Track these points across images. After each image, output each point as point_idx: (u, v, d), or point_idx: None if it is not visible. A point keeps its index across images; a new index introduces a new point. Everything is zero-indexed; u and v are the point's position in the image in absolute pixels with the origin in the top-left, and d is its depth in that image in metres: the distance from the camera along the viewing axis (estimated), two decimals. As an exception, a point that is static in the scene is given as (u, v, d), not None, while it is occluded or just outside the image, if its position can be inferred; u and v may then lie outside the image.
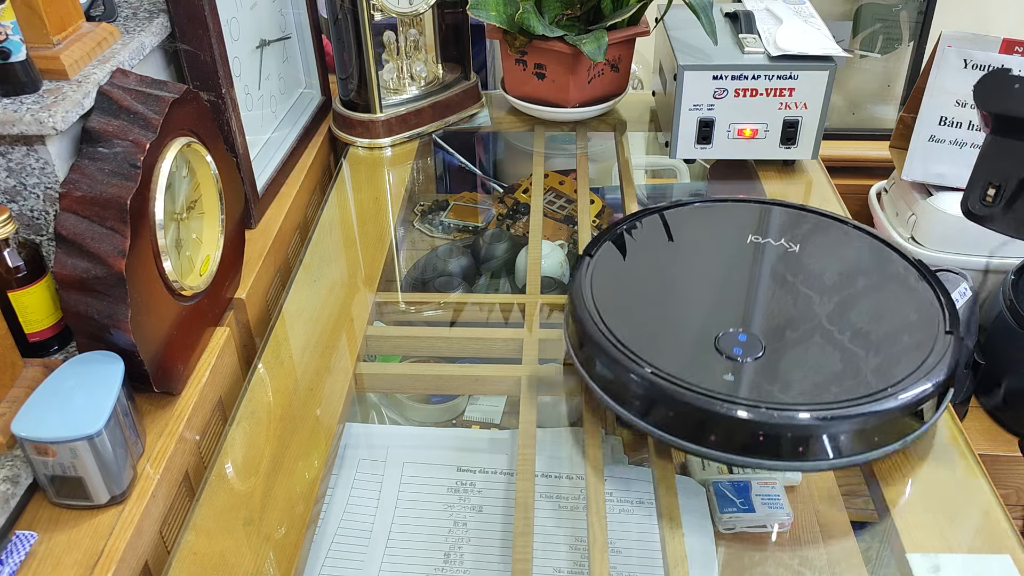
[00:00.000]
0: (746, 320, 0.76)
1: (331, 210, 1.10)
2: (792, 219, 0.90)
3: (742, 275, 0.82)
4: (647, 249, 0.86)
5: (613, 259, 0.84)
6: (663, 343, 0.74)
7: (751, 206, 0.93)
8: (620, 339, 0.73)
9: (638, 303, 0.79)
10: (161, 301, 0.75)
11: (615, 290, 0.79)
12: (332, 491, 0.80)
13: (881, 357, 0.71)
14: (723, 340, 0.73)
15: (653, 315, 0.78)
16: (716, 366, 0.71)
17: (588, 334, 0.74)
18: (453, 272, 1.12)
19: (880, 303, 0.78)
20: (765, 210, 0.92)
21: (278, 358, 0.86)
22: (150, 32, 0.85)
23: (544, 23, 1.12)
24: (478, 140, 1.43)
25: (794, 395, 0.68)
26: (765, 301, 0.79)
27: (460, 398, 1.01)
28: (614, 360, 0.71)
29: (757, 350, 0.72)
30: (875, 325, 0.75)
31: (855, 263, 0.83)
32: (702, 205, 0.93)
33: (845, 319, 0.76)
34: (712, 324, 0.75)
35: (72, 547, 0.65)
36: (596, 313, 0.76)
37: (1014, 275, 1.17)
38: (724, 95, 1.09)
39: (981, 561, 0.65)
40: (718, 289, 0.81)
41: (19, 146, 0.71)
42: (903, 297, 0.78)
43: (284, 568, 0.66)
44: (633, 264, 0.84)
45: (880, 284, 0.80)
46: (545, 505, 0.77)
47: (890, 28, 1.59)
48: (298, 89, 1.22)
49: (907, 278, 0.80)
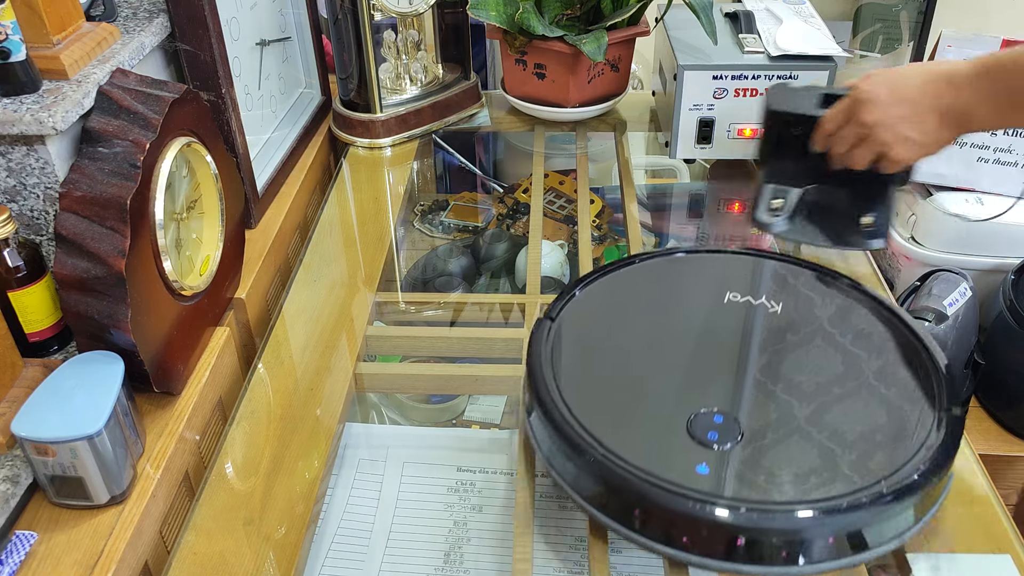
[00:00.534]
0: (722, 397, 0.69)
1: (331, 210, 1.10)
2: (774, 272, 0.82)
3: (719, 342, 0.74)
4: (614, 311, 0.78)
5: (578, 323, 0.76)
6: (629, 426, 0.66)
7: (728, 257, 0.85)
8: (580, 420, 0.66)
9: (603, 377, 0.72)
10: (161, 301, 0.75)
11: (578, 361, 0.72)
12: (332, 491, 0.80)
13: (876, 442, 0.64)
14: (697, 423, 0.66)
15: (619, 390, 0.70)
16: (688, 454, 0.63)
17: (547, 413, 0.67)
18: (453, 272, 1.12)
19: (874, 377, 0.70)
20: (743, 262, 0.84)
21: (278, 358, 0.86)
22: (150, 32, 0.85)
23: (544, 23, 1.12)
24: (478, 140, 1.43)
25: (777, 490, 0.60)
26: (743, 375, 0.71)
27: (460, 398, 1.01)
28: (573, 446, 0.64)
29: (734, 435, 0.65)
30: (868, 403, 0.67)
31: (847, 328, 0.75)
32: (676, 257, 0.86)
33: (835, 398, 0.68)
34: (685, 403, 0.68)
35: (72, 547, 0.65)
36: (556, 389, 0.69)
37: (1014, 275, 1.17)
38: (724, 95, 1.09)
39: (981, 561, 0.65)
40: (690, 360, 0.73)
41: (19, 146, 0.71)
42: (899, 368, 0.71)
43: (284, 568, 0.66)
44: (598, 329, 0.76)
45: (874, 352, 0.72)
46: (545, 505, 0.77)
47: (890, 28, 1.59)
48: (298, 89, 1.22)
49: (904, 346, 0.73)
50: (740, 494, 0.60)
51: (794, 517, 0.58)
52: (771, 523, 0.58)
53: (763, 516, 0.58)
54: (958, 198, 1.23)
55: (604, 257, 1.14)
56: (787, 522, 0.58)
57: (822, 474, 0.61)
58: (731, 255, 0.86)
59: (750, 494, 0.60)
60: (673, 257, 0.87)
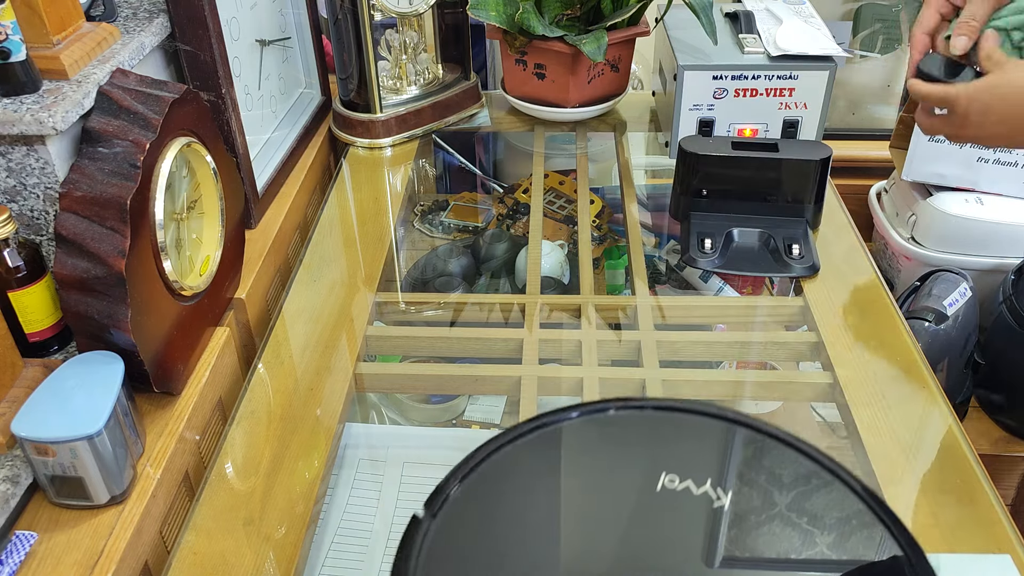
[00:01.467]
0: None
1: (331, 210, 1.10)
2: (734, 444, 0.58)
3: (648, 550, 0.52)
4: (513, 501, 0.56)
5: (464, 520, 0.55)
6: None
7: (672, 418, 0.59)
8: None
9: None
10: (161, 301, 0.75)
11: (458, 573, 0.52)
12: (332, 491, 0.80)
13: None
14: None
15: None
16: None
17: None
18: (453, 272, 1.12)
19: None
20: (688, 428, 0.58)
21: (278, 358, 0.86)
22: (150, 32, 0.85)
23: (544, 23, 1.12)
24: (478, 140, 1.43)
25: None
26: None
27: (460, 398, 1.01)
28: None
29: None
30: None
31: (809, 526, 0.53)
32: (599, 419, 0.59)
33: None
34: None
35: (72, 547, 0.65)
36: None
37: (1014, 275, 1.17)
38: (724, 95, 1.09)
39: (981, 561, 0.65)
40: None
41: (19, 146, 0.71)
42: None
43: (284, 568, 0.66)
44: (489, 529, 0.55)
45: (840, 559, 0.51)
46: (545, 505, 0.77)
47: (890, 28, 1.59)
48: (298, 89, 1.22)
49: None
50: None
51: None
52: None
53: None
54: (958, 198, 1.23)
55: (604, 258, 1.14)
56: None
57: None
58: (672, 413, 0.59)
59: None
60: (596, 418, 0.59)
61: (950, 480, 0.72)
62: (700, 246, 0.98)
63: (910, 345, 0.86)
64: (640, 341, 0.88)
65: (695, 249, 0.98)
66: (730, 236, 0.99)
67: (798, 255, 0.96)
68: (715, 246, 0.98)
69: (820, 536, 0.52)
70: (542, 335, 0.90)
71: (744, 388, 0.89)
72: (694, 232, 1.00)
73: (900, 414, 0.78)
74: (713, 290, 1.08)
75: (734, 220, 1.00)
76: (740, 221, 0.99)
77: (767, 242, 0.99)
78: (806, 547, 0.52)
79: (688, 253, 0.98)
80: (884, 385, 0.81)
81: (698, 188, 1.00)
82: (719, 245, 0.98)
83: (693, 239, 0.99)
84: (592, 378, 0.83)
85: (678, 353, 0.90)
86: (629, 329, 0.92)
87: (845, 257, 1.00)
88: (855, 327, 0.88)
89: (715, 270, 0.98)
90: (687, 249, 0.98)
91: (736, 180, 0.99)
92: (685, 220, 1.02)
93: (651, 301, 0.95)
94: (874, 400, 0.79)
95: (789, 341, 0.91)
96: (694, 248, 0.98)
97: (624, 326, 0.93)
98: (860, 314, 0.90)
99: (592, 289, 0.97)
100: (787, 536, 0.52)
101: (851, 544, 0.52)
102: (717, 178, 0.99)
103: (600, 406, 0.59)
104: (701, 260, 0.97)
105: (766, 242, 0.99)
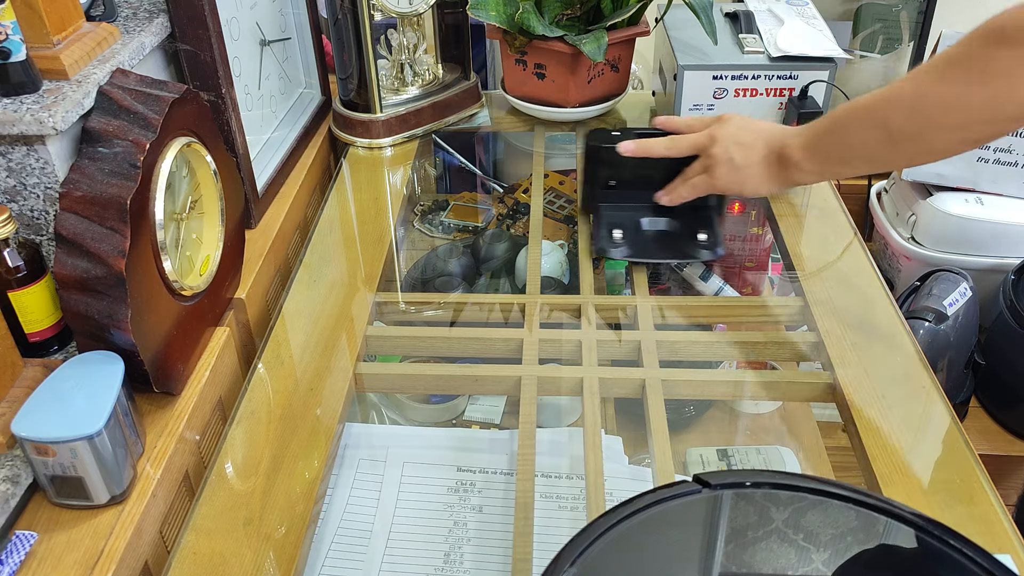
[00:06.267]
0: None
1: (331, 210, 1.10)
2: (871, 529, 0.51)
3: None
4: None
5: None
6: None
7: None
8: None
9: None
10: (161, 301, 0.75)
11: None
12: (332, 491, 0.80)
13: None
14: None
15: None
16: None
17: None
18: (453, 272, 1.12)
19: None
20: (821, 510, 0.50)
21: (278, 358, 0.86)
22: (150, 32, 0.85)
23: (544, 23, 1.12)
24: (478, 140, 1.43)
25: None
26: None
27: (460, 398, 1.01)
28: None
29: None
30: None
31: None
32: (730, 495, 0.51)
33: None
34: None
35: (72, 547, 0.65)
36: None
37: (1014, 275, 1.17)
38: (724, 95, 1.09)
39: (981, 561, 0.65)
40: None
41: (19, 146, 0.71)
42: None
43: (284, 568, 0.66)
44: None
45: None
46: (545, 505, 0.77)
47: (890, 28, 1.59)
48: (298, 89, 1.22)
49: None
50: None
51: None
52: None
53: None
54: (958, 198, 1.23)
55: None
56: None
57: None
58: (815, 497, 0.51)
59: None
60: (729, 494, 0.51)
61: (950, 480, 0.72)
62: (609, 237, 1.00)
63: (910, 345, 0.86)
64: (640, 341, 0.88)
65: (604, 240, 1.00)
66: (639, 225, 1.02)
67: (704, 240, 0.99)
68: (625, 236, 1.00)
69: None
70: (542, 335, 0.90)
71: (744, 388, 0.89)
72: (603, 224, 1.02)
73: (900, 414, 0.78)
74: (713, 290, 1.08)
75: (642, 210, 1.02)
76: (648, 211, 1.02)
77: (675, 229, 1.02)
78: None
79: (598, 244, 1.00)
80: (884, 385, 0.81)
81: (605, 180, 1.03)
82: (628, 234, 1.00)
83: (603, 230, 1.01)
84: (592, 378, 0.83)
85: (678, 353, 0.90)
86: (629, 329, 0.92)
87: (845, 257, 1.00)
88: (855, 327, 0.88)
89: (624, 258, 1.00)
90: (597, 241, 1.01)
91: (642, 171, 1.01)
92: (595, 213, 1.04)
93: (651, 301, 0.95)
94: (874, 400, 0.79)
95: (789, 341, 0.91)
96: (604, 239, 1.00)
97: (624, 326, 0.93)
98: (860, 314, 0.90)
99: (592, 289, 0.97)
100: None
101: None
102: (623, 170, 1.01)
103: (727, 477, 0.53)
104: (611, 250, 1.00)
105: (674, 229, 1.02)
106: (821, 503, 0.52)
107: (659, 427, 0.77)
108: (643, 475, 0.81)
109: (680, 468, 0.96)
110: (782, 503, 0.52)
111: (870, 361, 0.84)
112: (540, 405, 0.82)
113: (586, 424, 0.79)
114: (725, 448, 0.98)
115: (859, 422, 0.77)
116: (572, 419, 0.98)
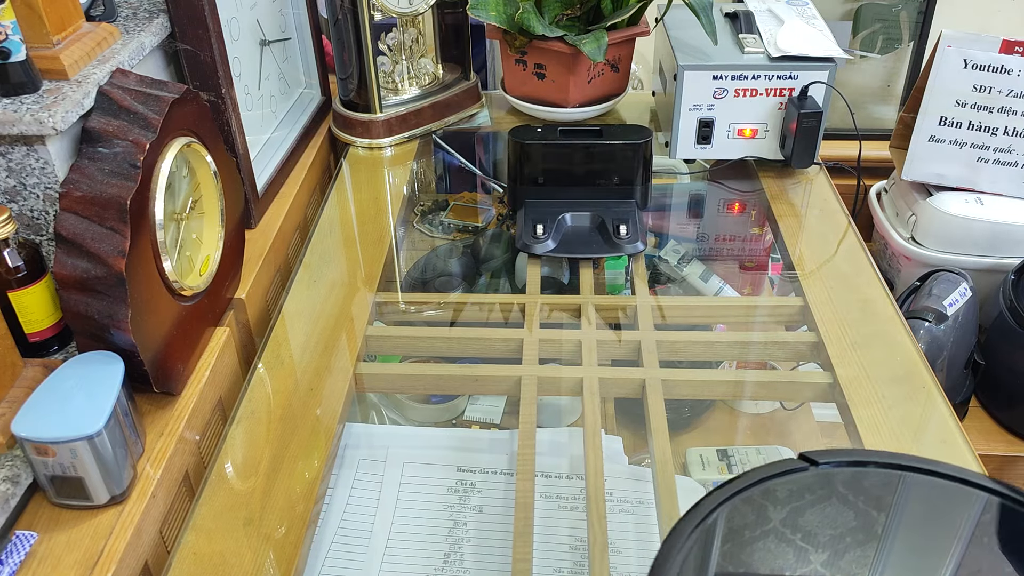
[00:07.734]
0: None
1: (331, 210, 1.10)
2: None
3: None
4: None
5: None
6: None
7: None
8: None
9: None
10: (161, 301, 0.75)
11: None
12: (332, 491, 0.80)
13: None
14: None
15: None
16: None
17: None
18: (453, 272, 1.12)
19: None
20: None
21: (278, 358, 0.86)
22: (150, 32, 0.85)
23: (544, 23, 1.12)
24: (478, 140, 1.43)
25: None
26: None
27: (460, 398, 1.01)
28: None
29: None
30: None
31: None
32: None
33: None
34: None
35: (72, 547, 0.65)
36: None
37: (1014, 275, 1.17)
38: (724, 95, 1.09)
39: (981, 561, 0.65)
40: None
41: (19, 146, 0.71)
42: None
43: (284, 568, 0.66)
44: None
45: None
46: (545, 505, 0.77)
47: (890, 28, 1.59)
48: (298, 89, 1.22)
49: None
50: None
51: None
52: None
53: None
54: (958, 198, 1.23)
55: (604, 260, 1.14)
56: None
57: None
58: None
59: None
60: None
61: (950, 480, 0.72)
62: (533, 232, 1.02)
63: (910, 345, 0.86)
64: (640, 341, 0.88)
65: (528, 235, 1.02)
66: (562, 220, 1.04)
67: (626, 235, 1.01)
68: (547, 230, 1.02)
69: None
70: (542, 335, 0.90)
71: (744, 388, 0.89)
72: (528, 219, 1.04)
73: (900, 414, 0.78)
74: (713, 290, 1.08)
75: (566, 205, 1.05)
76: (572, 206, 1.04)
77: (598, 224, 1.03)
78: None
79: (521, 239, 1.02)
80: (884, 385, 0.81)
81: (531, 176, 1.05)
82: (551, 230, 1.02)
83: (527, 226, 1.03)
84: (592, 378, 0.83)
85: (678, 353, 0.90)
86: (629, 329, 0.92)
87: (845, 257, 1.00)
88: (855, 327, 0.88)
89: (545, 253, 1.02)
90: (521, 236, 1.02)
91: (565, 166, 1.03)
92: (521, 208, 1.07)
93: (651, 301, 0.95)
94: (874, 400, 0.79)
95: (789, 341, 0.91)
96: (527, 234, 1.02)
97: (624, 326, 0.93)
98: (860, 314, 0.90)
99: (592, 289, 0.97)
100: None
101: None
102: (547, 166, 1.04)
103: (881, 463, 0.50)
104: (534, 245, 1.01)
105: (597, 224, 1.03)
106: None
107: (659, 427, 0.78)
108: (643, 475, 0.81)
109: (680, 468, 0.96)
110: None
111: (870, 361, 0.84)
112: (540, 405, 0.82)
113: (586, 424, 0.79)
114: (725, 448, 0.98)
115: (859, 422, 0.77)
116: (572, 419, 0.98)
